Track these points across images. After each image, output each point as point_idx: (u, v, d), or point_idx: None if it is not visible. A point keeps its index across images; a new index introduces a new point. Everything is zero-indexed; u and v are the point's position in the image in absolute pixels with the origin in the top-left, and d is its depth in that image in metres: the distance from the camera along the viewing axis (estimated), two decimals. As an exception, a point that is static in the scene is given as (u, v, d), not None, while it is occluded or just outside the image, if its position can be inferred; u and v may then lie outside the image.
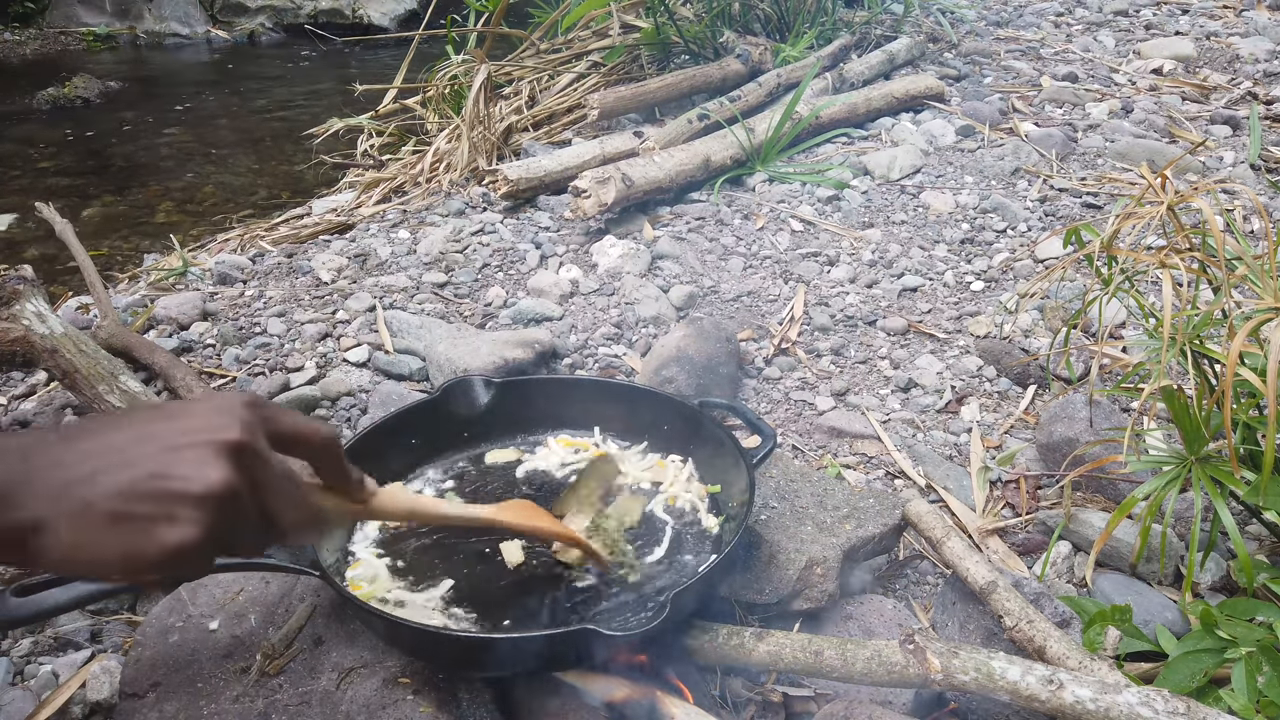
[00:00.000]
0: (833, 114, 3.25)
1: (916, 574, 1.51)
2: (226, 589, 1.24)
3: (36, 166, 4.07)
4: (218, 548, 0.68)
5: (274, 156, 4.18)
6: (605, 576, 1.20)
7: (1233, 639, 1.13)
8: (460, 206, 2.81)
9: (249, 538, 0.71)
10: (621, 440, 1.48)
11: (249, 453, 0.69)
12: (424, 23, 4.07)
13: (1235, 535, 1.20)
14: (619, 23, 3.73)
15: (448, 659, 1.11)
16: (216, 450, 0.67)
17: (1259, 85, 3.71)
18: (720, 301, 2.28)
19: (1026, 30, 4.54)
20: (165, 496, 0.65)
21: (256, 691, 1.09)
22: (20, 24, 6.71)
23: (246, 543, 0.72)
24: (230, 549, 0.70)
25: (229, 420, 0.70)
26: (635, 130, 3.13)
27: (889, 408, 1.93)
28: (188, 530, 0.65)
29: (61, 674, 1.26)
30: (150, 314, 2.17)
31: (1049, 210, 2.72)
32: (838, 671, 1.08)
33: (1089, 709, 0.98)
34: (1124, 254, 1.38)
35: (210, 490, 0.66)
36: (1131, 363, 1.57)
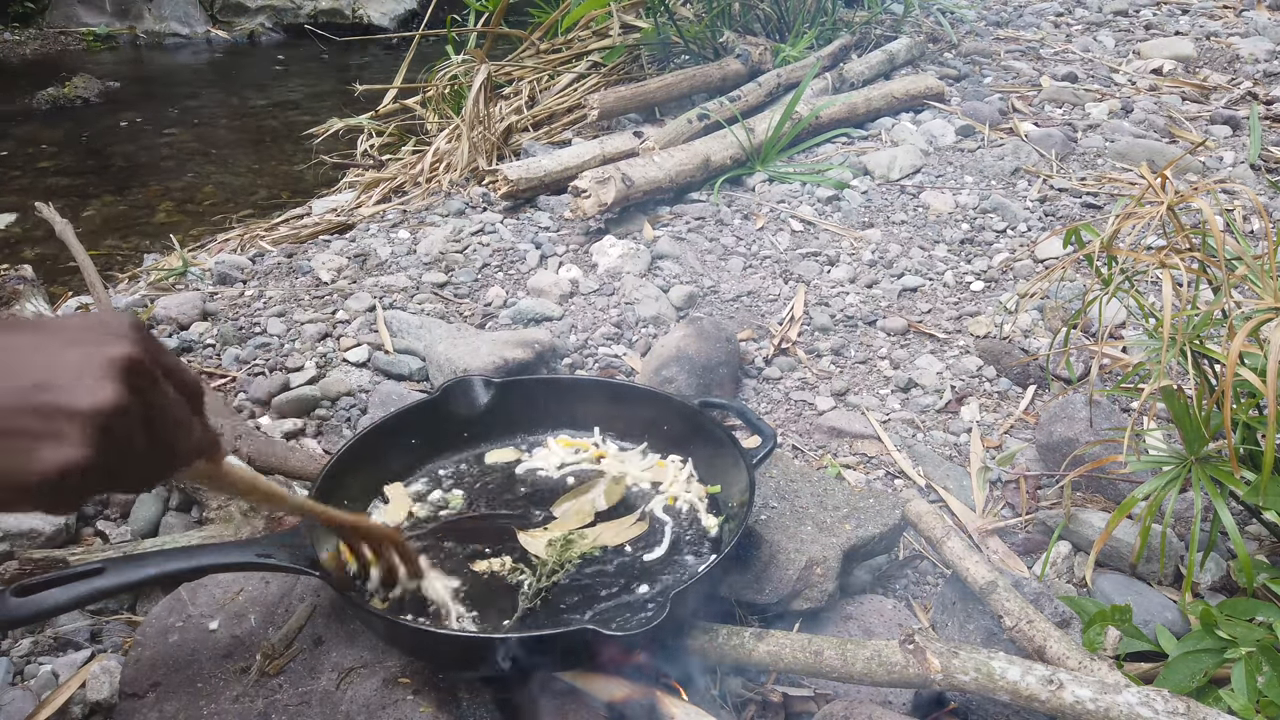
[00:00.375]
0: (833, 114, 3.25)
1: (916, 574, 1.51)
2: (226, 589, 1.24)
3: (36, 166, 4.07)
4: (103, 474, 0.62)
5: (274, 156, 4.18)
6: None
7: (1233, 639, 1.13)
8: (460, 206, 2.81)
9: (136, 464, 0.65)
10: (621, 440, 1.48)
11: (142, 370, 0.64)
12: (424, 23, 4.07)
13: (1235, 535, 1.20)
14: (619, 23, 3.73)
15: (448, 659, 1.11)
16: (108, 364, 0.62)
17: (1259, 85, 3.71)
18: (720, 301, 2.28)
19: (1026, 30, 4.54)
20: (51, 411, 0.59)
21: (256, 691, 1.09)
22: (20, 24, 6.70)
23: (132, 470, 0.66)
24: (115, 478, 0.64)
25: (121, 337, 0.64)
26: (635, 130, 3.13)
27: (889, 408, 1.93)
28: (73, 451, 0.59)
29: (61, 674, 1.26)
30: (150, 314, 2.17)
31: (1049, 210, 2.72)
32: (838, 671, 1.08)
33: (1089, 709, 0.98)
34: (1124, 254, 1.38)
35: (100, 406, 0.60)
36: (1131, 363, 1.56)
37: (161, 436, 0.67)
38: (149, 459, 0.66)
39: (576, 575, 1.21)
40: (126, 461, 0.64)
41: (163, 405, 0.67)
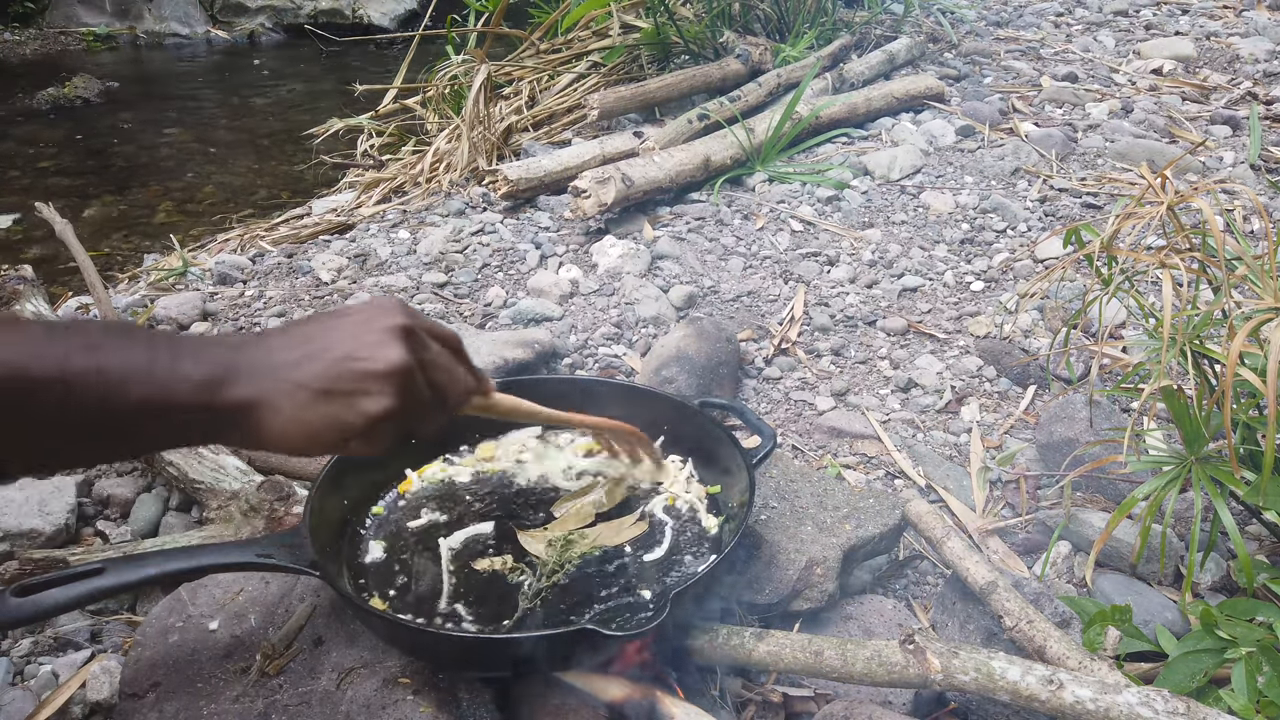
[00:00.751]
0: (833, 114, 3.25)
1: (916, 574, 1.51)
2: (226, 589, 1.24)
3: (36, 166, 4.07)
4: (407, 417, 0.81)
5: (274, 156, 4.18)
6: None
7: (1233, 639, 1.13)
8: (460, 206, 2.81)
9: (426, 409, 0.84)
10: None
11: (415, 335, 0.83)
12: (424, 23, 4.07)
13: (1235, 535, 1.20)
14: (619, 23, 3.73)
15: (448, 659, 1.11)
16: (392, 334, 0.81)
17: (1259, 85, 3.71)
18: (720, 301, 2.28)
19: (1026, 30, 4.54)
20: (360, 375, 0.78)
21: (256, 691, 1.09)
22: (20, 24, 6.70)
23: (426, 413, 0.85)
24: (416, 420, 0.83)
25: (394, 311, 0.83)
26: (635, 130, 3.13)
27: (889, 408, 1.93)
28: (383, 400, 0.79)
29: (61, 674, 1.26)
30: (150, 314, 2.17)
31: (1049, 210, 2.72)
32: (838, 671, 1.08)
33: (1089, 709, 0.98)
34: (1124, 254, 1.38)
35: (393, 366, 0.79)
36: (1131, 363, 1.56)
37: (439, 381, 0.86)
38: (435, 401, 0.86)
39: (577, 575, 1.21)
40: (420, 405, 0.83)
41: (434, 358, 0.86)
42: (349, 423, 0.78)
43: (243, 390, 0.75)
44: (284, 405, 0.76)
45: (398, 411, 0.80)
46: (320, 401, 0.77)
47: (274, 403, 0.76)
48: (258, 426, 0.76)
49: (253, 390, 0.75)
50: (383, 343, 0.80)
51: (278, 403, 0.76)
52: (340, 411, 0.78)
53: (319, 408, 0.77)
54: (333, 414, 0.77)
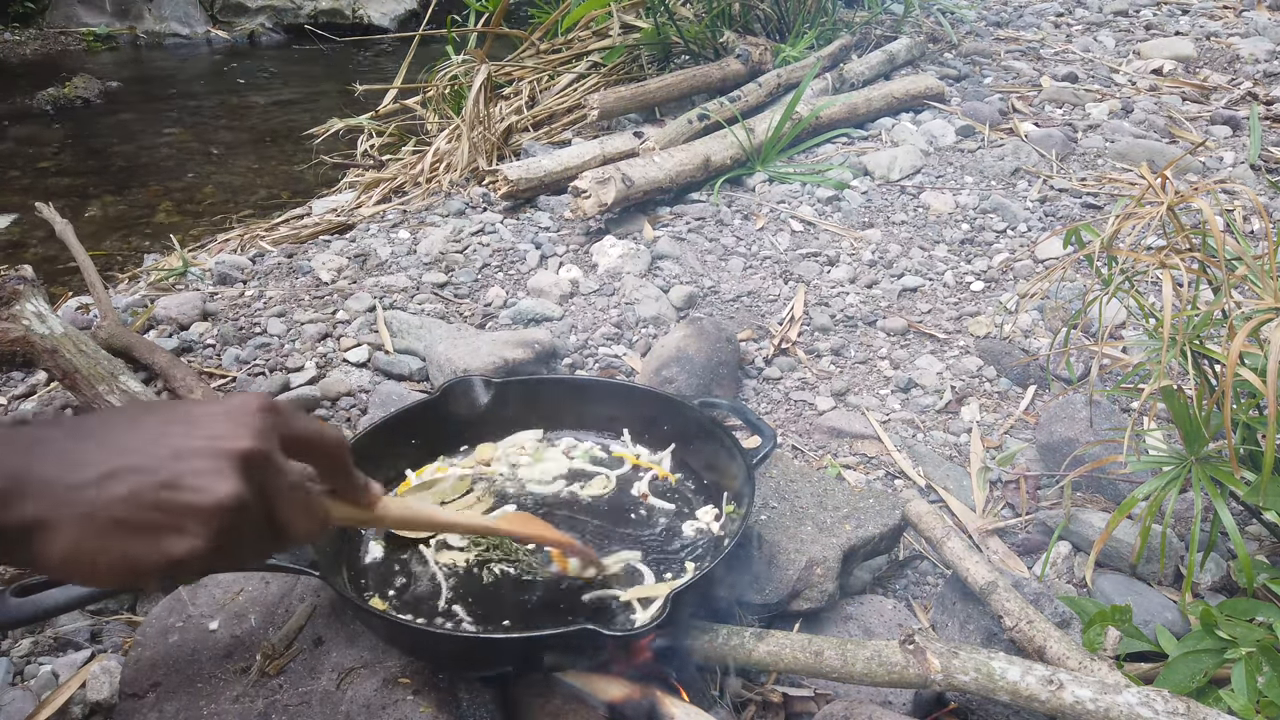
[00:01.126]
0: (833, 114, 3.25)
1: (916, 574, 1.51)
2: (226, 589, 1.24)
3: (36, 166, 4.07)
4: (220, 557, 0.67)
5: (274, 156, 4.18)
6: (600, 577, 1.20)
7: (1233, 639, 1.13)
8: (460, 206, 2.81)
9: (253, 547, 0.70)
10: (621, 440, 1.48)
11: (261, 462, 0.69)
12: (424, 23, 4.07)
13: (1235, 535, 1.20)
14: (619, 23, 3.73)
15: (448, 659, 1.11)
16: (228, 460, 0.67)
17: (1259, 85, 3.71)
18: (720, 301, 2.28)
19: (1026, 30, 4.54)
20: (174, 508, 0.64)
21: (256, 692, 1.09)
22: (20, 24, 6.70)
23: (249, 552, 0.70)
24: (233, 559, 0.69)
25: (242, 427, 0.69)
26: (635, 130, 3.13)
27: (889, 408, 1.93)
28: (193, 543, 0.65)
29: (61, 674, 1.26)
30: (150, 314, 2.17)
31: (1049, 210, 2.72)
32: (838, 672, 1.08)
33: (1089, 709, 0.98)
34: (1124, 254, 1.38)
35: (220, 503, 0.65)
36: (1131, 363, 1.56)
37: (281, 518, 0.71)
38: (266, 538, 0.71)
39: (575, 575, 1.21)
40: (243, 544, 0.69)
41: (282, 489, 0.71)
42: (145, 562, 0.64)
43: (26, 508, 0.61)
44: (68, 531, 0.62)
45: (209, 555, 0.66)
46: (113, 533, 0.63)
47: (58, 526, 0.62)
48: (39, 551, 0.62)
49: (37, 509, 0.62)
50: (214, 470, 0.66)
51: (62, 527, 0.62)
52: (136, 548, 0.63)
53: (110, 539, 0.63)
54: (126, 550, 0.63)
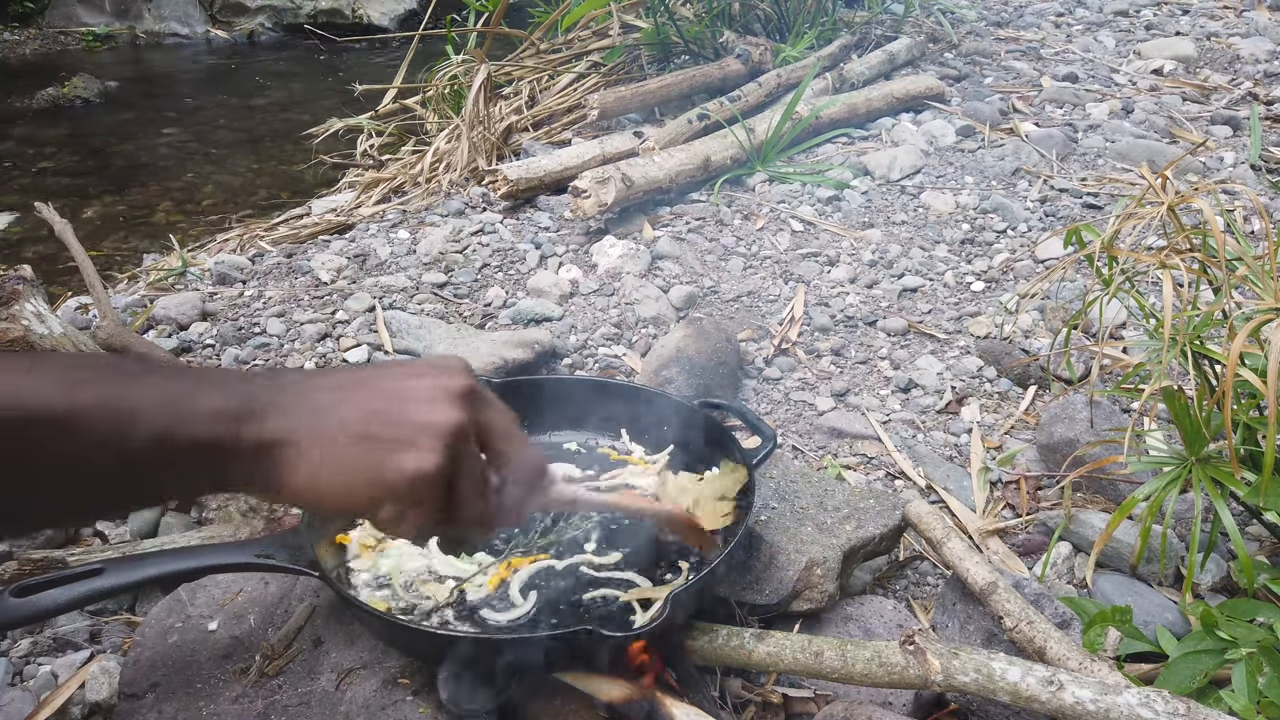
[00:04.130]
0: (833, 114, 3.25)
1: (917, 575, 1.50)
2: (226, 590, 1.24)
3: (36, 167, 4.07)
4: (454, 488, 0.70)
5: (274, 156, 4.18)
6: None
7: (1233, 640, 1.13)
8: (460, 206, 2.81)
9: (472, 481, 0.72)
10: (620, 440, 1.48)
11: (478, 399, 0.73)
12: (424, 23, 4.07)
13: (1236, 536, 1.20)
14: (619, 23, 3.73)
15: (447, 659, 1.11)
16: (453, 393, 0.71)
17: (1259, 85, 3.71)
18: (720, 301, 2.28)
19: (1027, 30, 4.54)
20: (409, 424, 0.68)
21: (256, 692, 1.09)
22: (20, 24, 6.70)
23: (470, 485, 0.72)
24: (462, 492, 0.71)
25: (459, 372, 0.74)
26: (635, 130, 3.13)
27: (889, 408, 1.92)
28: (427, 457, 0.67)
29: (60, 674, 1.26)
30: (149, 314, 2.17)
31: (1049, 210, 2.72)
32: (837, 673, 1.08)
33: (1089, 710, 0.98)
34: (1124, 254, 1.38)
35: (449, 424, 0.69)
36: (1132, 363, 1.56)
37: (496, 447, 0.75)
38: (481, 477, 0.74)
39: (576, 575, 1.21)
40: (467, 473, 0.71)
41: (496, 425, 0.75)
42: (386, 478, 0.67)
43: (268, 427, 0.65)
44: (314, 448, 0.66)
45: (444, 474, 0.68)
46: (357, 447, 0.66)
47: (302, 443, 0.66)
48: (281, 471, 0.66)
49: (280, 427, 0.65)
50: (439, 397, 0.71)
51: (307, 444, 0.66)
52: (379, 462, 0.67)
53: (354, 454, 0.66)
54: (369, 464, 0.67)
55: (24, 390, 0.61)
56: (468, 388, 0.72)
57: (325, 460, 0.66)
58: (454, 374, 0.73)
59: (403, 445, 0.67)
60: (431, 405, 0.70)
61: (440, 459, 0.68)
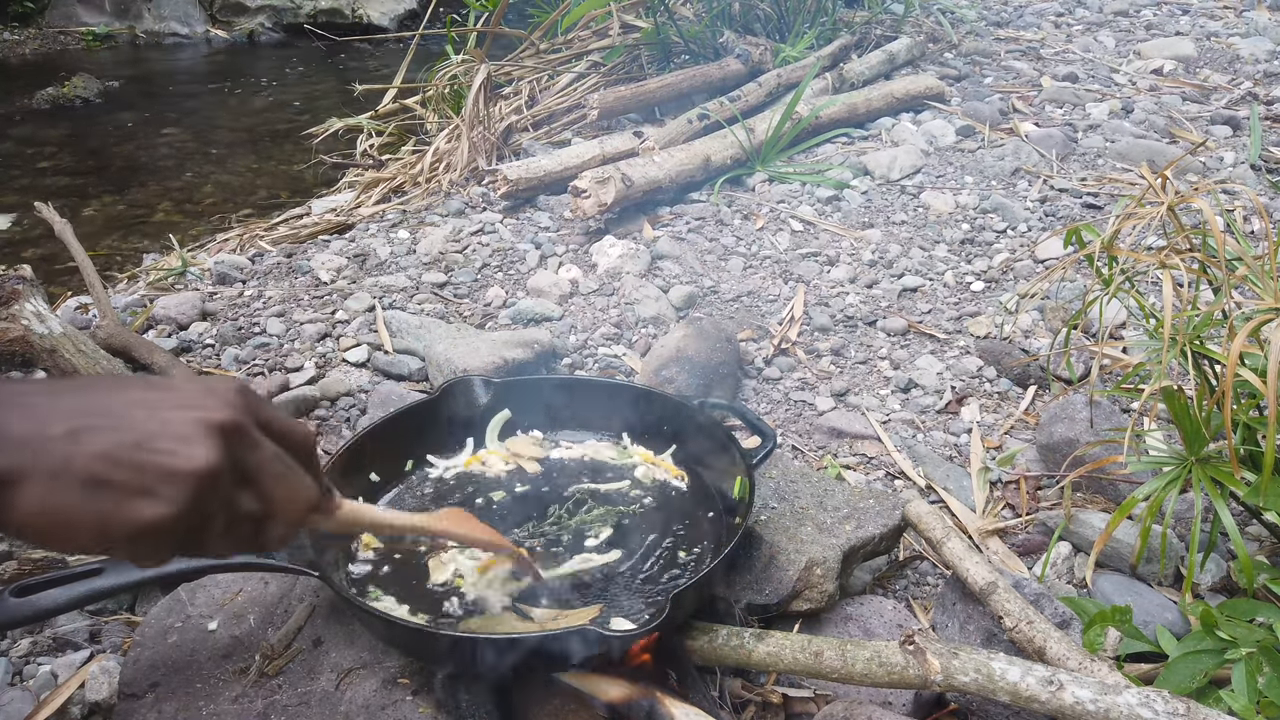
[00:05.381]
0: (833, 114, 3.25)
1: (917, 575, 1.50)
2: (225, 589, 1.24)
3: (36, 166, 4.06)
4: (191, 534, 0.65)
5: (273, 156, 4.18)
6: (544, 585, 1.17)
7: (1233, 640, 1.13)
8: (460, 206, 2.81)
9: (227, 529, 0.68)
10: (620, 440, 1.48)
11: (239, 435, 0.67)
12: (424, 23, 4.07)
13: (1235, 536, 1.20)
14: (619, 23, 3.73)
15: (447, 659, 1.11)
16: (206, 428, 0.65)
17: (1259, 85, 3.71)
18: (720, 301, 2.28)
19: (1027, 30, 4.54)
20: (148, 468, 0.62)
21: (255, 692, 1.09)
22: (19, 24, 6.70)
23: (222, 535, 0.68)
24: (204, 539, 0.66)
25: (221, 401, 0.67)
26: (635, 130, 3.13)
27: (889, 408, 1.92)
28: (163, 508, 0.62)
29: (60, 674, 1.26)
30: (149, 314, 2.17)
31: (1049, 210, 2.72)
32: (837, 673, 1.08)
33: (1089, 710, 0.98)
34: (1124, 254, 1.37)
35: (195, 469, 0.63)
36: (1132, 363, 1.56)
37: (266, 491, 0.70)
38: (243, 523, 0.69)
39: (576, 574, 1.21)
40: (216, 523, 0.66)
41: (262, 463, 0.69)
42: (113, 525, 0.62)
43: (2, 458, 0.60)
44: (38, 485, 0.60)
45: (178, 524, 0.63)
46: (84, 491, 0.61)
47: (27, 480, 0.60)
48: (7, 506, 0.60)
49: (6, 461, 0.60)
50: (191, 436, 0.64)
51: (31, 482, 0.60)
52: (106, 509, 0.61)
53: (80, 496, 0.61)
54: (95, 510, 0.61)
55: None
56: (228, 423, 0.66)
57: (51, 498, 0.60)
58: (217, 405, 0.67)
59: (138, 493, 0.62)
60: (178, 445, 0.63)
61: (174, 510, 0.63)
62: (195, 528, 0.65)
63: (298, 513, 0.73)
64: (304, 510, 0.74)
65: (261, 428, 0.71)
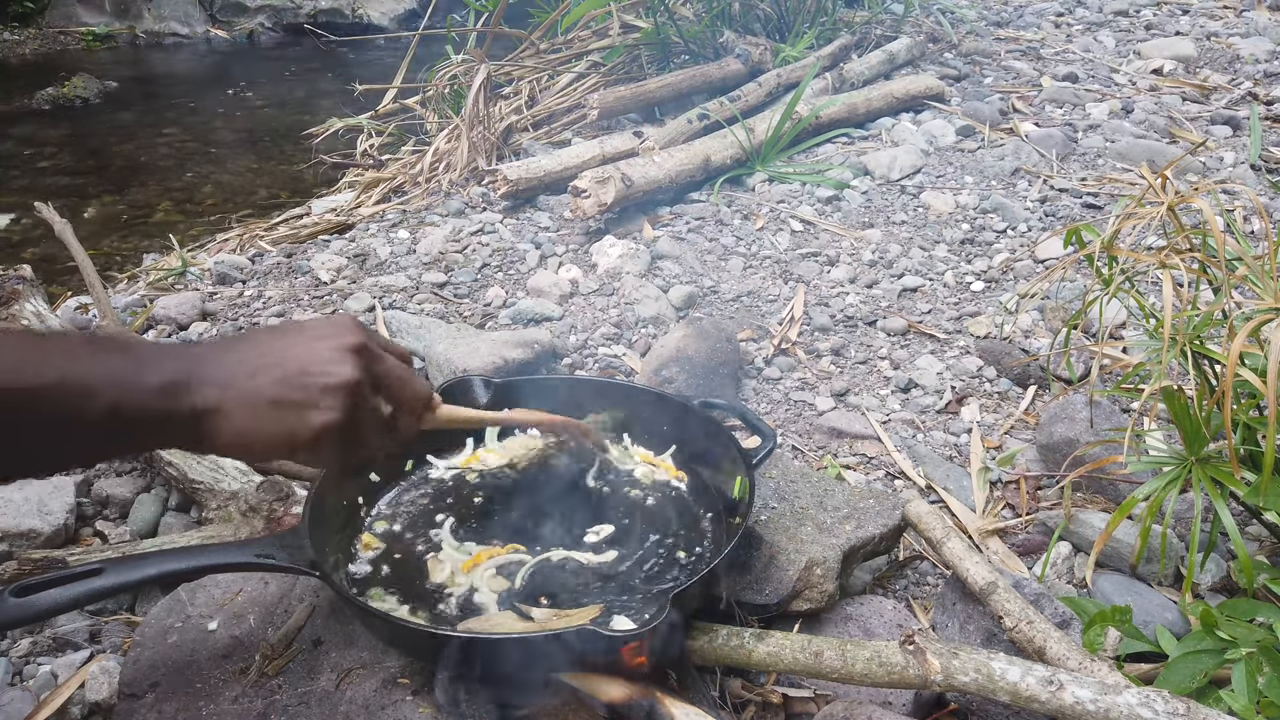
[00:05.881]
0: (833, 114, 3.25)
1: (917, 575, 1.50)
2: (226, 589, 1.24)
3: (36, 166, 4.06)
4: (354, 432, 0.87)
5: (274, 156, 4.18)
6: None
7: (1233, 640, 1.13)
8: (460, 206, 2.81)
9: (375, 425, 0.90)
10: (620, 440, 1.48)
11: (368, 351, 0.89)
12: (424, 22, 4.07)
13: (1235, 536, 1.20)
14: (619, 22, 3.73)
15: (447, 659, 1.11)
16: (345, 350, 0.87)
17: (1259, 85, 3.71)
18: (720, 301, 2.28)
19: (1027, 30, 4.54)
20: (311, 388, 0.84)
21: (255, 692, 1.09)
22: (20, 24, 6.70)
23: (373, 430, 0.90)
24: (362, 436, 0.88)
25: (348, 329, 0.89)
26: (635, 130, 3.13)
27: (889, 408, 1.92)
28: (330, 414, 0.84)
29: (60, 674, 1.26)
30: (149, 314, 2.17)
31: (1049, 210, 2.72)
32: (837, 672, 1.08)
33: (1089, 710, 0.98)
34: (1124, 254, 1.37)
35: (343, 381, 0.85)
36: (1132, 363, 1.56)
37: (394, 392, 0.92)
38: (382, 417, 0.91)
39: (575, 574, 1.21)
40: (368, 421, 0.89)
41: (389, 370, 0.92)
42: (297, 433, 0.83)
43: (200, 398, 0.81)
44: (237, 413, 0.81)
45: (344, 425, 0.85)
46: (272, 411, 0.82)
47: (228, 410, 0.81)
48: (213, 433, 0.82)
49: (209, 398, 0.81)
50: (335, 359, 0.86)
51: (232, 411, 0.81)
52: (290, 422, 0.83)
53: (270, 417, 0.82)
54: (282, 424, 0.83)
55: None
56: (359, 345, 0.88)
57: (247, 422, 0.82)
58: (347, 332, 0.88)
59: (309, 406, 0.83)
60: (329, 367, 0.85)
61: (340, 415, 0.85)
62: (353, 427, 0.86)
63: (419, 406, 0.97)
64: (422, 405, 0.98)
65: (379, 346, 0.92)
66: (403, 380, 0.93)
